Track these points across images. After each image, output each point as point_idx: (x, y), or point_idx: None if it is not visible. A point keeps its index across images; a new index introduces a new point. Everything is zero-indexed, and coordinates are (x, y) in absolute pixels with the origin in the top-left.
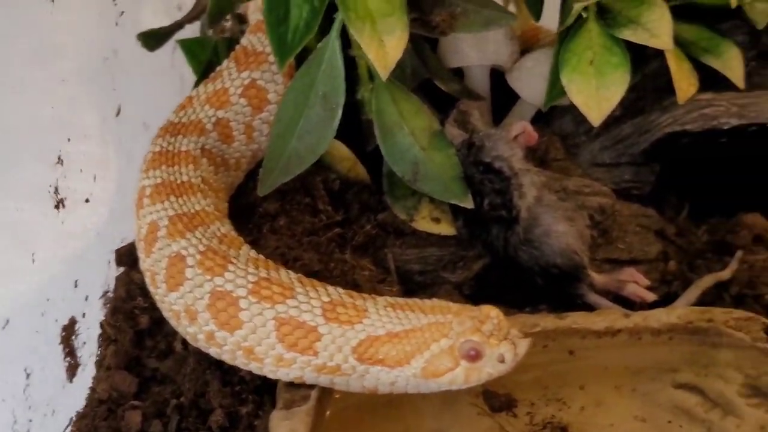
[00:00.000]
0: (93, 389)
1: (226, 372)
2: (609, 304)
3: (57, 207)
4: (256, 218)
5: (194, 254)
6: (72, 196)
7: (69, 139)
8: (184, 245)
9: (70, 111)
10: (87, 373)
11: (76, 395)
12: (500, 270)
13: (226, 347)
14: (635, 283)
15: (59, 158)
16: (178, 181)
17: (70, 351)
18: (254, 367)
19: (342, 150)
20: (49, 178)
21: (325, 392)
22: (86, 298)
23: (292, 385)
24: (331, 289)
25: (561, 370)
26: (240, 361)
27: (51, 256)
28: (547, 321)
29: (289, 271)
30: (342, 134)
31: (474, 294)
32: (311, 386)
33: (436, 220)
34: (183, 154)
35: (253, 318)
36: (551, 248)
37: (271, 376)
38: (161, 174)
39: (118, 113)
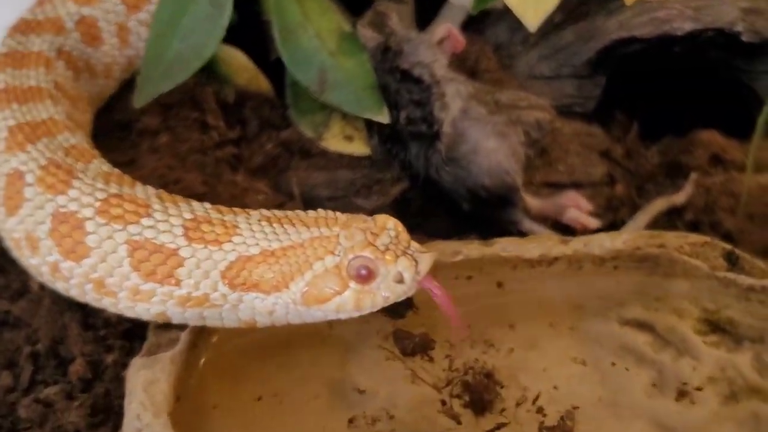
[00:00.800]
0: None
1: (88, 314)
2: (547, 232)
3: None
4: (133, 135)
5: (34, 170)
6: None
7: None
8: (23, 160)
9: None
10: None
11: None
12: (422, 195)
13: (74, 280)
14: (576, 208)
15: None
16: (25, 86)
17: None
18: (108, 304)
19: (240, 59)
20: None
21: (201, 335)
22: None
23: (162, 327)
24: (196, 204)
25: (488, 306)
26: (91, 297)
27: None
28: (471, 248)
29: (148, 187)
30: (242, 42)
31: None
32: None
33: (349, 138)
34: (33, 56)
35: (102, 243)
36: (479, 167)
37: (128, 313)
38: (5, 78)
39: None
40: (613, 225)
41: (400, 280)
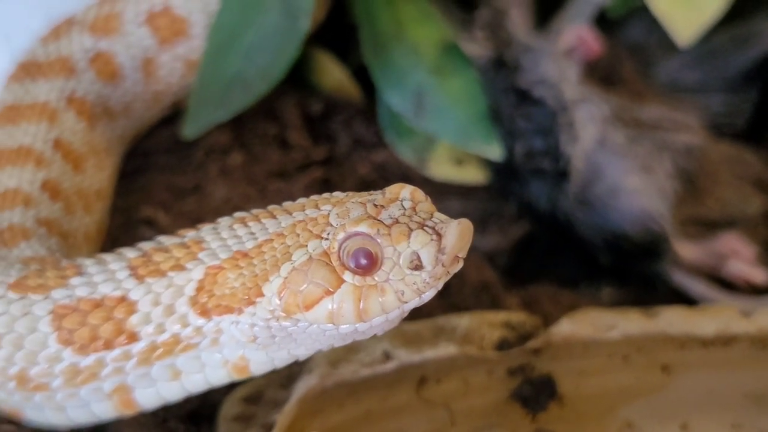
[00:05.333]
0: None
1: None
2: (710, 291)
3: None
4: (200, 155)
5: None
6: None
7: None
8: None
9: None
10: None
11: None
12: (548, 238)
13: None
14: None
15: None
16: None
17: None
18: (43, 406)
19: (327, 62)
20: None
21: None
22: None
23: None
24: (145, 243)
25: (650, 397)
26: (17, 400)
27: None
28: (629, 321)
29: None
30: (329, 40)
31: (512, 266)
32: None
33: (459, 163)
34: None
35: (14, 324)
36: (619, 213)
37: (78, 416)
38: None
39: None
40: None
41: (418, 266)
